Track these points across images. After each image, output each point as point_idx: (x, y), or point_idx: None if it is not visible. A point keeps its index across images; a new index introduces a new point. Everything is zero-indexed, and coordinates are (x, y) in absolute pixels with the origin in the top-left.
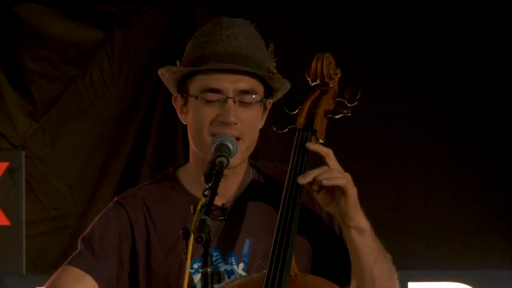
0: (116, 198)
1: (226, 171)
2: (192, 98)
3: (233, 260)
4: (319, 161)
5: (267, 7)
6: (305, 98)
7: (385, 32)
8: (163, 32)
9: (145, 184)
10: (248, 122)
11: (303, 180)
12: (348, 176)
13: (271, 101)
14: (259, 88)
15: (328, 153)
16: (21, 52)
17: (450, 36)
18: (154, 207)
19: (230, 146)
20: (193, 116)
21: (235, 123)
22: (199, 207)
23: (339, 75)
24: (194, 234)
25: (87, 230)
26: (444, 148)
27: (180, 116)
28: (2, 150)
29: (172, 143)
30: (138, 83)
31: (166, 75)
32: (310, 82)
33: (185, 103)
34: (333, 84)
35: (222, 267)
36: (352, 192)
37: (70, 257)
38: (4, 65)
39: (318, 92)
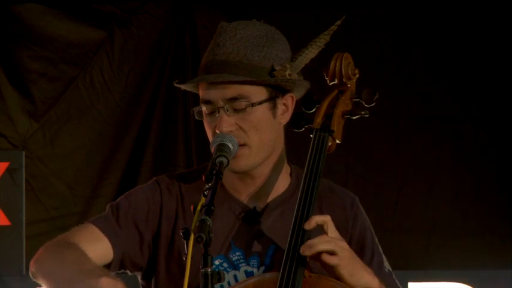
0: (155, 178)
1: (252, 174)
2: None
3: (255, 262)
4: (331, 160)
5: (267, 7)
6: (323, 97)
7: (384, 32)
8: (163, 32)
9: (188, 171)
10: (247, 127)
11: (308, 251)
12: (342, 245)
13: (293, 96)
14: (253, 91)
15: (326, 220)
16: (21, 52)
17: (450, 36)
18: (189, 196)
19: (230, 145)
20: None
21: (231, 131)
22: (199, 207)
23: (357, 75)
24: (194, 234)
25: (119, 198)
26: (444, 148)
27: None
28: (2, 150)
29: (172, 143)
30: (138, 83)
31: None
32: (328, 82)
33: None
34: (351, 85)
35: (243, 268)
36: (346, 266)
37: (94, 217)
38: (4, 65)
39: (336, 91)
